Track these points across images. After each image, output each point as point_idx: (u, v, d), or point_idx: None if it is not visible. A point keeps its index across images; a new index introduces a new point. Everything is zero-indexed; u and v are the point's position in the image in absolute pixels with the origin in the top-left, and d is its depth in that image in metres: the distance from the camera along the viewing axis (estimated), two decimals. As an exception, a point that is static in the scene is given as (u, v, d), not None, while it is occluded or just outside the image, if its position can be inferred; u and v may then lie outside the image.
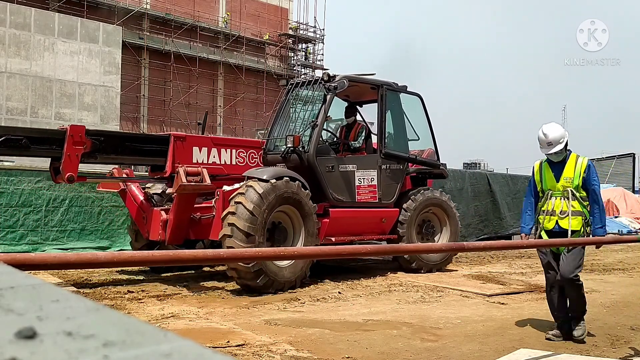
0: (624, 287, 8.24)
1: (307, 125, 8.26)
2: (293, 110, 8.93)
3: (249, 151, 8.61)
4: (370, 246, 3.15)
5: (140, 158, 7.91)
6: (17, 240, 9.82)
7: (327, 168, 8.06)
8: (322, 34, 39.55)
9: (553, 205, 5.01)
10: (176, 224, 7.50)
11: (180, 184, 6.95)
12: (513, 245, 8.63)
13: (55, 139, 6.73)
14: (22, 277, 0.77)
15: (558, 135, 4.99)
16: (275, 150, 8.41)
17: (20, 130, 6.70)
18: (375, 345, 4.66)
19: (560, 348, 4.74)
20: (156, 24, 32.22)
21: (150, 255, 2.37)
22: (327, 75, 8.16)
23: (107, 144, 7.12)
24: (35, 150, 6.56)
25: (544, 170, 5.17)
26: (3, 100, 22.77)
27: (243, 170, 7.96)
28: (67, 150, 6.61)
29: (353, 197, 8.26)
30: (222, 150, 8.26)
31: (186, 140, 7.89)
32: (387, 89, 8.76)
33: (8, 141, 6.24)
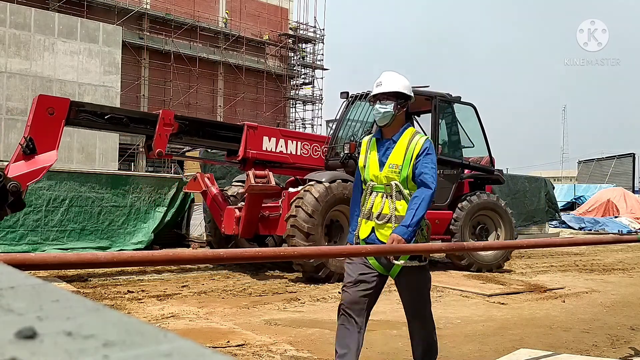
0: (624, 287, 8.24)
1: (362, 133, 9.04)
2: (352, 120, 9.65)
3: (313, 144, 9.45)
4: (370, 246, 3.15)
5: (217, 142, 8.78)
6: (17, 240, 9.81)
7: None
8: (322, 34, 39.56)
9: (372, 206, 3.41)
10: (247, 220, 8.57)
11: (250, 185, 8.06)
12: (512, 245, 8.65)
13: (150, 120, 7.82)
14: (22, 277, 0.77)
15: (396, 81, 3.48)
16: (336, 157, 9.23)
17: (122, 111, 8.04)
18: (375, 345, 4.66)
19: (560, 348, 4.74)
20: (156, 24, 32.22)
21: (150, 255, 2.37)
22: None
23: (191, 127, 8.21)
24: (132, 128, 7.75)
25: (370, 149, 3.52)
26: (3, 100, 22.77)
27: (306, 160, 9.17)
28: (158, 130, 7.70)
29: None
30: (289, 141, 9.15)
31: (257, 130, 8.85)
32: (440, 99, 9.37)
33: (112, 119, 7.44)
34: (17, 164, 6.48)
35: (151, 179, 12.03)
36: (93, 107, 7.58)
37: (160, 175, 13.79)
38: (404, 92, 3.45)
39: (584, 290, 7.74)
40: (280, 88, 37.65)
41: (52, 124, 6.79)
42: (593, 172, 37.88)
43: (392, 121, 3.42)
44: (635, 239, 6.58)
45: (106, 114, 7.53)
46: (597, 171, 37.94)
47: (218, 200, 9.09)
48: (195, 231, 12.10)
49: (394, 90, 3.42)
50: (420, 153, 3.34)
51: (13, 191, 6.22)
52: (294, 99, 39.31)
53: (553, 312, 6.23)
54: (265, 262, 8.66)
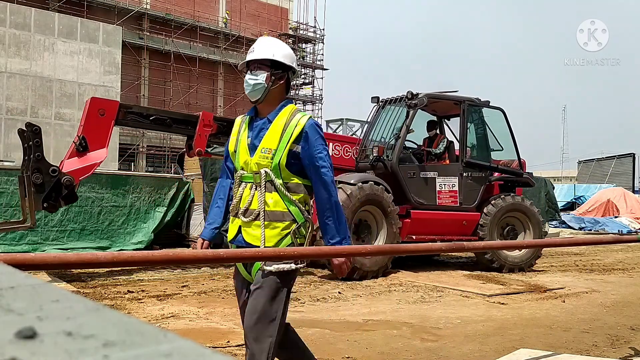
0: (624, 287, 8.24)
1: (391, 137, 9.43)
2: (382, 124, 9.96)
3: (344, 145, 9.82)
4: (370, 246, 3.16)
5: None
6: (17, 240, 9.81)
7: (409, 174, 9.20)
8: (322, 34, 39.56)
9: (239, 199, 2.87)
10: None
11: None
12: (512, 245, 8.66)
13: (191, 121, 8.28)
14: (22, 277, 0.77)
15: (272, 47, 2.88)
16: (366, 159, 9.56)
17: (165, 113, 8.59)
18: (375, 345, 4.66)
19: (560, 348, 4.74)
20: (156, 24, 32.22)
21: (150, 255, 2.37)
22: (410, 94, 9.26)
23: (228, 128, 8.41)
24: (175, 128, 8.30)
25: (242, 131, 2.93)
26: (3, 100, 22.78)
27: (337, 161, 9.25)
28: (198, 131, 8.15)
29: (434, 200, 9.28)
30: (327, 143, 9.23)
31: None
32: (468, 104, 9.68)
33: (156, 120, 8.04)
34: (70, 160, 7.14)
35: (151, 179, 12.03)
36: (139, 109, 8.30)
37: (160, 175, 13.79)
38: (282, 61, 2.84)
39: (584, 290, 7.74)
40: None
41: (102, 124, 7.42)
42: (593, 172, 37.88)
43: (266, 96, 2.86)
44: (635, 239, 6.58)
45: (151, 115, 8.12)
46: (597, 171, 37.94)
47: None
48: (195, 231, 12.10)
49: (268, 58, 2.81)
50: (302, 136, 2.76)
51: (67, 185, 6.86)
52: (294, 99, 39.33)
53: (553, 312, 6.23)
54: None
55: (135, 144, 30.77)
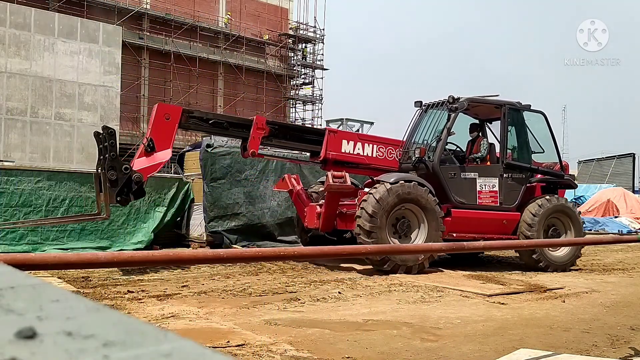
0: (624, 287, 8.24)
1: (433, 139, 9.87)
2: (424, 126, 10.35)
3: (387, 147, 10.22)
4: (370, 246, 3.16)
5: (302, 145, 9.91)
6: (17, 240, 9.81)
7: (450, 175, 9.63)
8: (322, 34, 39.55)
9: None
10: (326, 216, 9.57)
11: (329, 184, 9.08)
12: (512, 245, 8.66)
13: (245, 124, 9.03)
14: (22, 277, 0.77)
15: None
16: (408, 161, 9.98)
17: (223, 117, 9.54)
18: (375, 345, 4.66)
19: (560, 348, 4.74)
20: (156, 24, 32.21)
21: (150, 255, 2.37)
22: (451, 98, 9.66)
23: (279, 131, 9.39)
24: (231, 131, 9.15)
25: None
26: (3, 100, 22.77)
27: (381, 162, 10.03)
28: (252, 133, 8.87)
29: (474, 200, 9.68)
30: (366, 144, 10.00)
31: (337, 134, 9.93)
32: (509, 107, 10.05)
33: (215, 123, 8.90)
34: (139, 159, 7.92)
35: (151, 179, 11.98)
36: (200, 114, 9.10)
37: (160, 175, 13.78)
38: None
39: (584, 290, 7.74)
40: (280, 88, 37.65)
41: (167, 127, 8.24)
42: (593, 172, 37.86)
43: None
44: (635, 239, 6.58)
45: (210, 119, 8.96)
46: (597, 171, 37.92)
47: (302, 198, 10.17)
48: (195, 231, 12.11)
49: None
50: None
51: (137, 181, 7.66)
52: (294, 99, 39.31)
53: (553, 312, 6.23)
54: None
55: (135, 144, 30.79)
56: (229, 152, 11.95)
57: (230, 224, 11.67)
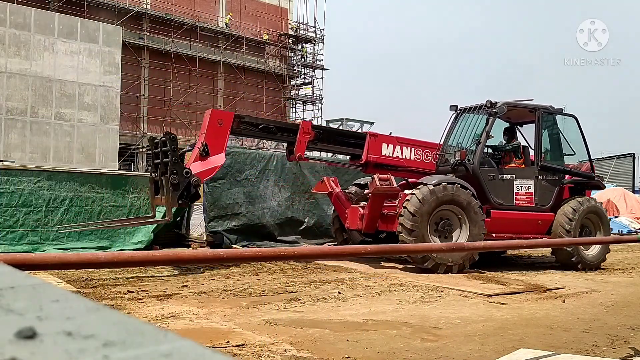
0: (624, 287, 8.25)
1: (472, 142, 10.20)
2: (460, 130, 10.67)
3: (425, 150, 10.53)
4: (370, 246, 3.16)
5: (345, 148, 10.18)
6: (17, 240, 9.81)
7: (489, 177, 9.96)
8: (322, 34, 39.55)
9: None
10: (370, 217, 9.84)
11: (376, 187, 9.31)
12: (512, 245, 8.67)
13: (292, 129, 9.45)
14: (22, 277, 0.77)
15: None
16: (446, 163, 10.29)
17: (271, 122, 9.84)
18: (375, 345, 4.66)
19: (560, 348, 4.74)
20: (156, 24, 32.21)
21: (150, 255, 2.37)
22: (489, 102, 9.98)
23: (324, 135, 9.79)
24: (279, 136, 9.52)
25: None
26: (3, 100, 22.77)
27: (419, 164, 10.33)
28: (299, 138, 9.26)
29: (511, 201, 10.01)
30: (404, 147, 10.28)
31: (378, 138, 10.12)
32: (543, 111, 10.35)
33: (264, 128, 9.25)
34: (195, 163, 8.20)
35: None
36: (250, 119, 9.45)
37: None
38: None
39: (584, 290, 7.74)
40: (280, 88, 37.65)
41: (221, 132, 8.61)
42: (593, 172, 37.74)
43: None
44: (635, 239, 6.58)
45: (260, 124, 9.29)
46: (597, 171, 37.87)
47: (342, 200, 10.47)
48: (195, 231, 12.10)
49: None
50: None
51: (195, 185, 8.00)
52: (294, 99, 39.31)
53: (553, 312, 6.23)
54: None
55: (135, 144, 30.78)
56: (229, 152, 11.94)
57: (230, 224, 11.67)
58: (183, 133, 33.01)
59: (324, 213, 12.80)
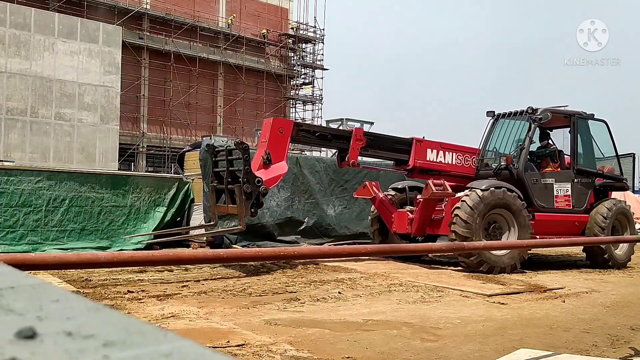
0: (624, 287, 8.25)
1: (515, 147, 10.53)
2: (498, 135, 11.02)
3: (465, 155, 10.85)
4: (370, 246, 3.16)
5: (393, 154, 10.41)
6: (17, 240, 9.81)
7: (532, 181, 10.32)
8: (322, 34, 39.55)
9: None
10: (422, 221, 10.08)
11: (432, 192, 9.49)
12: (513, 245, 8.67)
13: (345, 136, 9.68)
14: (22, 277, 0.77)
15: None
16: (487, 168, 10.65)
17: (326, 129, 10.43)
18: (375, 345, 4.66)
19: (560, 348, 4.74)
20: (156, 24, 32.21)
21: (150, 255, 2.37)
22: (530, 109, 10.36)
23: (374, 142, 9.95)
24: (334, 143, 9.84)
25: None
26: (3, 100, 22.76)
27: (460, 169, 10.65)
28: (352, 144, 9.46)
29: (552, 204, 10.40)
30: (447, 152, 10.59)
31: (423, 143, 10.35)
32: (577, 117, 10.73)
33: (320, 136, 9.59)
34: (258, 172, 8.35)
35: (151, 179, 12.03)
36: (308, 127, 9.96)
37: (160, 176, 13.79)
38: None
39: (584, 290, 7.74)
40: (280, 88, 37.65)
41: (282, 141, 8.83)
42: (593, 172, 37.79)
43: None
44: (635, 239, 6.58)
45: (316, 132, 9.62)
46: (597, 171, 37.87)
47: (386, 204, 10.73)
48: (195, 231, 12.10)
49: None
50: None
51: (263, 193, 8.26)
52: (294, 99, 39.31)
53: (553, 312, 6.23)
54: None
55: (135, 144, 30.78)
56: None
57: (230, 224, 11.67)
58: (183, 133, 33.03)
59: (324, 213, 12.80)
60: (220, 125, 34.71)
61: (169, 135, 32.33)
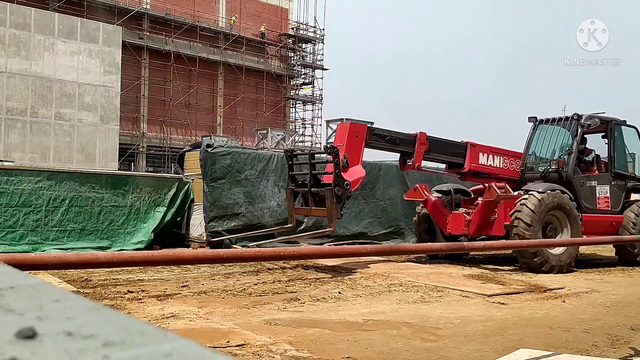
0: (624, 287, 8.25)
1: (560, 152, 11.04)
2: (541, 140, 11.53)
3: (510, 158, 11.44)
4: (370, 246, 3.16)
5: (450, 157, 10.88)
6: (17, 240, 9.81)
7: (580, 183, 10.83)
8: (322, 34, 39.54)
9: None
10: (480, 223, 10.48)
11: (497, 194, 9.87)
12: (513, 245, 8.67)
13: (410, 140, 10.07)
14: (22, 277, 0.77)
15: None
16: (532, 171, 11.22)
17: (394, 134, 10.17)
18: (375, 345, 4.66)
19: (560, 348, 4.74)
20: (156, 24, 32.20)
21: (150, 255, 2.37)
22: (576, 115, 10.86)
23: (435, 146, 10.43)
24: (401, 147, 10.10)
25: None
26: (3, 100, 22.76)
27: (505, 172, 11.22)
28: (417, 148, 9.98)
29: (595, 205, 10.95)
30: (495, 156, 11.16)
31: (476, 147, 10.95)
32: (614, 123, 11.35)
33: (390, 139, 9.90)
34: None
35: (151, 179, 12.03)
36: (379, 131, 10.03)
37: (160, 176, 13.79)
38: None
39: (584, 290, 7.74)
40: (280, 88, 37.64)
41: (357, 145, 9.27)
42: (593, 172, 37.73)
43: None
44: (635, 239, 6.58)
45: (386, 136, 9.93)
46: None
47: (439, 206, 11.13)
48: (195, 231, 12.10)
49: None
50: None
51: (348, 196, 8.74)
52: (294, 99, 39.28)
53: (553, 312, 6.23)
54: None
55: (135, 144, 30.77)
56: (229, 152, 11.95)
57: (230, 224, 11.66)
58: (183, 133, 33.02)
59: (324, 213, 12.79)
60: (220, 125, 34.71)
61: (169, 135, 32.32)
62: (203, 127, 33.57)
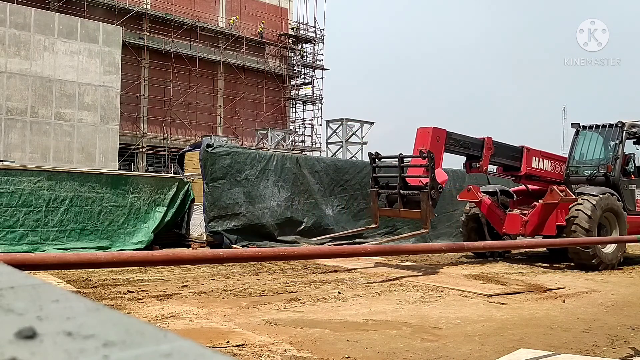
0: (624, 287, 8.24)
1: (604, 156, 11.65)
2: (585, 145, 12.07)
3: (556, 162, 12.06)
4: (370, 246, 3.16)
5: (508, 161, 11.37)
6: (17, 240, 9.80)
7: (624, 187, 11.40)
8: (322, 34, 39.53)
9: None
10: (537, 223, 10.85)
11: (561, 197, 10.33)
12: (512, 245, 8.67)
13: (479, 145, 10.69)
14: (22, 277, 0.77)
15: None
16: (577, 174, 11.81)
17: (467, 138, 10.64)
18: (375, 345, 4.66)
19: (560, 348, 4.74)
20: (156, 24, 32.20)
21: (150, 255, 2.37)
22: (620, 122, 11.37)
23: (499, 150, 10.97)
24: (471, 151, 10.66)
25: None
26: (3, 100, 22.75)
27: (552, 175, 11.80)
28: (485, 153, 10.63)
29: (634, 206, 11.56)
30: (545, 160, 11.77)
31: (530, 152, 11.49)
32: None
33: (463, 144, 10.47)
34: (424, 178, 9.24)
35: (151, 179, 12.03)
36: (456, 136, 10.49)
37: (160, 175, 13.78)
38: None
39: (584, 290, 7.74)
40: (280, 88, 37.63)
41: (438, 149, 9.75)
42: (593, 172, 37.72)
43: None
44: (635, 239, 6.58)
45: (460, 140, 10.50)
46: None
47: (494, 207, 11.59)
48: (195, 231, 12.10)
49: None
50: None
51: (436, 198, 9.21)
52: (294, 99, 39.27)
53: (553, 312, 6.23)
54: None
55: (135, 144, 30.77)
56: (229, 152, 11.95)
57: (230, 224, 11.67)
58: (183, 133, 33.01)
59: (323, 213, 12.80)
60: (220, 125, 34.70)
61: (169, 135, 32.32)
62: (203, 127, 33.57)
